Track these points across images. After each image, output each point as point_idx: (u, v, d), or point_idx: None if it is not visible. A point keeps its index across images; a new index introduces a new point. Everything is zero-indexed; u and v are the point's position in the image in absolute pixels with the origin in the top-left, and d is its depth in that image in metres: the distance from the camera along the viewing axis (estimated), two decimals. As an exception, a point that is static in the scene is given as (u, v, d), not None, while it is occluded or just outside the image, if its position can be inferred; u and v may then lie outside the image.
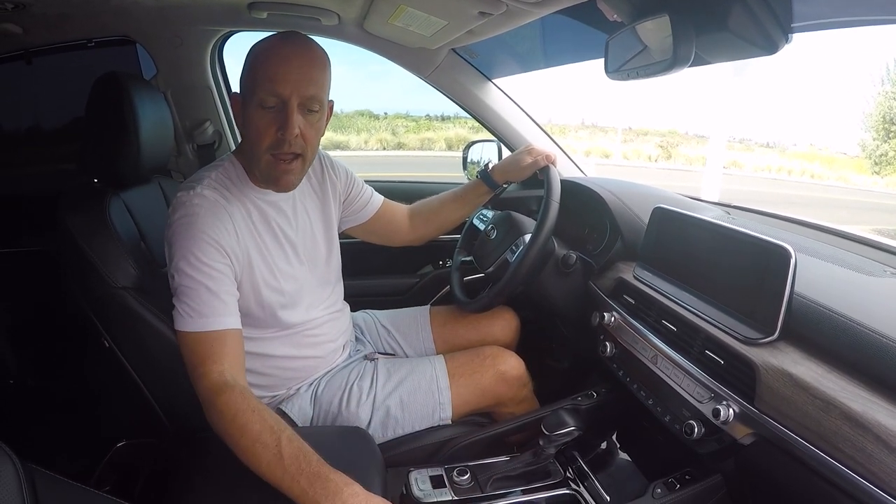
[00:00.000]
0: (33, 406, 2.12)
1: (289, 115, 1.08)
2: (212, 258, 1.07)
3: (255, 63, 1.12)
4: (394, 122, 23.82)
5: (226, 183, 1.18)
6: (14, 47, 1.88)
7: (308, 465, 0.88)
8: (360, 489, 0.88)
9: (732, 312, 1.02)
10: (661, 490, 1.03)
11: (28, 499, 0.53)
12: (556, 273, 1.50)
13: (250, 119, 1.11)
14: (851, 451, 0.74)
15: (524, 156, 1.55)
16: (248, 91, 1.11)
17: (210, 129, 2.16)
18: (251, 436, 0.92)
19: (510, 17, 1.38)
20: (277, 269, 1.23)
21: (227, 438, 0.94)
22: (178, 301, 1.05)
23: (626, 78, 1.28)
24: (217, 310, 1.05)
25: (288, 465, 0.88)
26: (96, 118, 1.28)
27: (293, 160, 1.14)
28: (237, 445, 0.92)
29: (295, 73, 1.08)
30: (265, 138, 1.10)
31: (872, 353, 0.83)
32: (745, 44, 1.09)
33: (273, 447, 0.90)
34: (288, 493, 0.88)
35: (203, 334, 1.03)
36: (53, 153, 2.48)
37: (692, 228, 1.19)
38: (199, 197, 1.10)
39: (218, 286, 1.06)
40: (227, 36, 2.09)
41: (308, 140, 1.13)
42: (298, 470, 0.88)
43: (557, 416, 1.14)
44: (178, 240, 1.06)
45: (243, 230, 1.16)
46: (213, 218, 1.09)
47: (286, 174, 1.15)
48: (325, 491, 0.86)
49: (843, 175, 23.22)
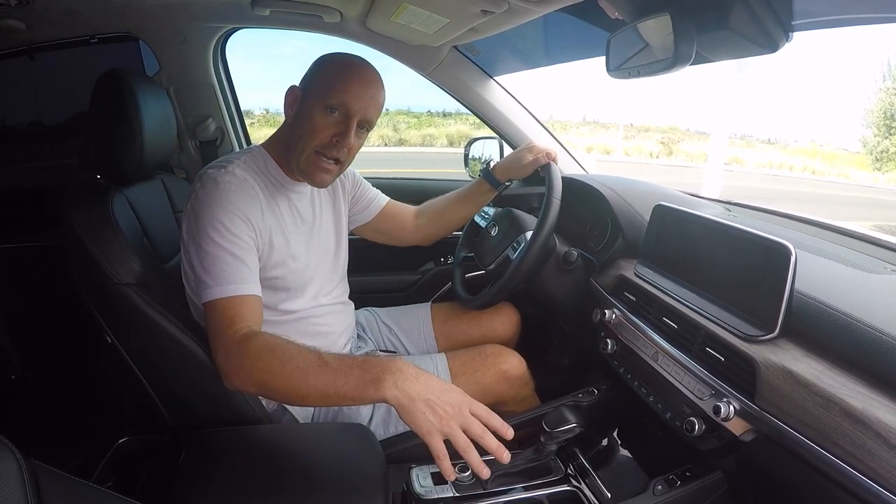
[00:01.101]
0: (35, 401, 2.13)
1: (349, 127, 1.18)
2: (239, 229, 1.11)
3: (335, 71, 1.21)
4: (395, 119, 23.78)
5: (255, 167, 1.25)
6: (17, 43, 1.87)
7: (353, 359, 0.95)
8: (404, 361, 0.93)
9: (733, 310, 1.02)
10: (662, 487, 1.04)
11: (31, 494, 0.53)
12: (557, 270, 1.50)
13: (310, 116, 1.19)
14: (851, 447, 0.74)
15: (525, 153, 1.55)
16: (317, 92, 1.20)
17: (212, 125, 2.15)
18: (294, 359, 0.95)
19: (512, 15, 1.38)
20: (295, 254, 1.28)
21: (269, 375, 0.97)
22: (204, 272, 1.08)
23: (627, 76, 1.28)
24: (243, 276, 1.09)
25: (336, 366, 0.93)
26: (99, 115, 1.28)
27: (334, 164, 1.22)
28: (281, 374, 0.95)
29: (368, 94, 1.20)
30: (318, 137, 1.19)
31: (872, 350, 0.84)
32: (746, 42, 1.09)
33: (316, 358, 0.95)
34: (345, 389, 0.91)
35: (228, 299, 1.06)
36: (55, 148, 2.49)
37: (693, 226, 1.19)
38: (230, 174, 1.16)
39: (243, 254, 1.10)
40: (229, 33, 2.08)
41: (351, 151, 1.23)
42: (347, 365, 0.93)
43: (559, 413, 1.15)
44: (206, 209, 1.10)
45: (267, 211, 1.21)
46: (242, 194, 1.15)
47: (324, 173, 1.23)
48: (379, 367, 0.91)
49: (845, 171, 23.19)
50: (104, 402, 1.89)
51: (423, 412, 0.87)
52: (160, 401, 1.22)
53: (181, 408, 1.22)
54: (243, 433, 1.15)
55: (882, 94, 17.74)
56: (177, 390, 1.18)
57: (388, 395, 0.88)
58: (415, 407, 0.87)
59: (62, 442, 1.63)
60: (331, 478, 1.03)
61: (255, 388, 1.01)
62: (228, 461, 1.07)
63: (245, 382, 1.00)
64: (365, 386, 0.90)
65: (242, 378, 1.00)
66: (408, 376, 0.89)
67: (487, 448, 0.88)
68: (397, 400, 0.88)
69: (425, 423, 0.86)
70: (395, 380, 0.88)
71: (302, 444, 1.14)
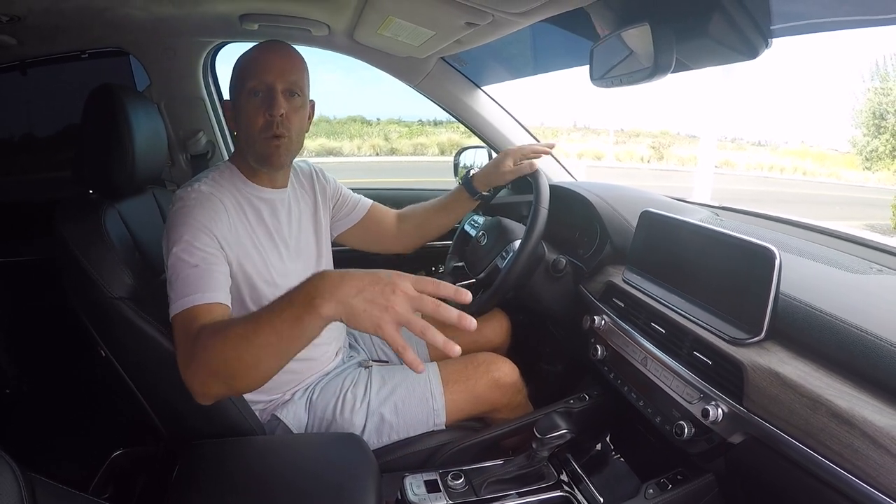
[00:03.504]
0: (31, 415, 2.12)
1: (275, 96, 1.20)
2: (203, 243, 1.10)
3: (244, 63, 1.25)
4: (386, 128, 23.83)
5: (221, 181, 1.25)
6: (9, 58, 1.88)
7: (279, 299, 0.86)
8: (321, 272, 0.84)
9: (720, 314, 1.03)
10: (654, 490, 1.05)
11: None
12: (546, 278, 1.51)
13: (241, 109, 1.23)
14: (839, 447, 0.75)
15: (504, 161, 1.56)
16: (237, 88, 1.24)
17: (203, 139, 2.16)
18: (233, 328, 0.90)
19: (497, 27, 1.39)
20: (270, 263, 1.28)
21: (221, 357, 0.90)
22: (170, 287, 1.06)
23: (610, 85, 1.30)
24: (206, 286, 1.05)
25: (267, 314, 0.86)
26: (91, 130, 1.28)
27: (279, 139, 1.23)
28: (228, 349, 0.89)
29: (278, 63, 1.22)
30: (256, 122, 1.21)
31: (858, 350, 0.85)
32: (727, 50, 1.11)
33: (251, 317, 0.89)
34: (287, 330, 0.83)
35: (189, 310, 1.02)
36: (47, 161, 2.50)
37: (679, 231, 1.20)
38: (195, 192, 1.17)
39: (208, 266, 1.09)
40: (219, 47, 2.10)
41: (292, 123, 1.24)
42: (277, 308, 0.85)
43: (550, 420, 1.15)
44: (173, 228, 1.11)
45: (236, 222, 1.22)
46: (206, 208, 1.15)
47: (276, 150, 1.24)
48: (303, 292, 0.83)
49: (835, 171, 23.34)
50: (99, 415, 1.88)
51: (364, 309, 0.78)
52: (155, 413, 1.22)
53: (176, 420, 1.22)
54: (237, 444, 1.16)
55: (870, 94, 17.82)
56: (171, 403, 1.19)
57: (327, 312, 0.80)
58: (354, 308, 0.79)
59: (58, 455, 1.63)
60: (324, 487, 1.03)
61: (216, 380, 0.92)
62: (223, 472, 1.07)
63: (205, 379, 0.92)
64: (301, 316, 0.81)
65: (202, 376, 0.92)
66: (333, 284, 0.81)
67: (447, 319, 0.79)
68: (337, 311, 0.80)
69: (371, 320, 0.78)
70: (323, 295, 0.80)
71: (295, 454, 1.15)
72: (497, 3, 1.24)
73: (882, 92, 17.21)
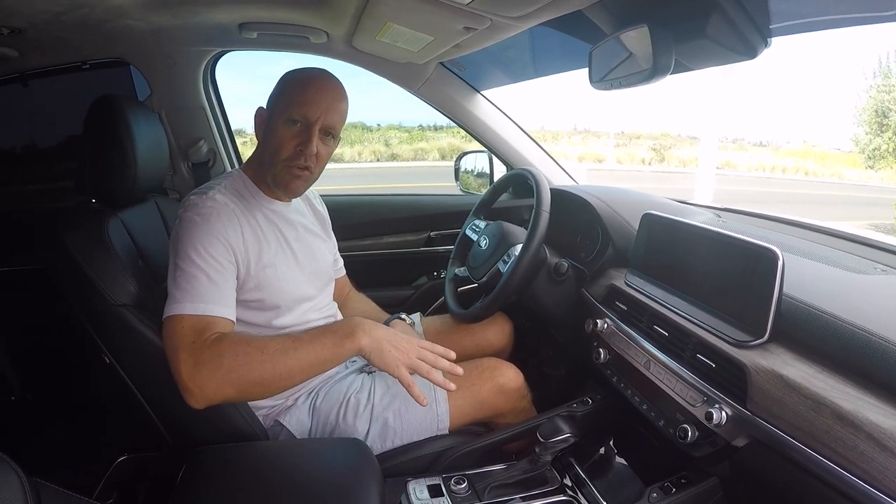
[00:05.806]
0: (35, 422, 2.12)
1: (311, 135, 1.21)
2: (218, 252, 1.13)
3: (292, 86, 1.26)
4: (387, 134, 23.78)
5: (236, 191, 1.27)
6: (10, 70, 1.89)
7: (319, 328, 1.10)
8: (360, 318, 1.11)
9: (723, 316, 1.03)
10: (658, 494, 1.04)
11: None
12: (548, 281, 1.51)
13: (275, 131, 1.23)
14: (844, 450, 0.75)
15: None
16: (278, 107, 1.24)
17: (204, 147, 2.17)
18: (270, 343, 1.04)
19: (495, 31, 1.39)
20: (279, 273, 1.28)
21: (250, 366, 1.01)
22: (177, 288, 1.08)
23: (609, 87, 1.30)
24: (215, 298, 1.09)
25: (309, 338, 1.06)
26: (93, 141, 1.29)
27: (303, 171, 1.25)
28: (263, 360, 1.02)
29: (326, 102, 1.22)
30: (285, 150, 1.22)
31: (862, 351, 0.84)
32: (725, 50, 1.11)
33: (289, 337, 1.07)
34: (325, 353, 1.05)
35: (200, 317, 1.06)
36: (50, 171, 2.51)
37: (681, 233, 1.20)
38: (211, 200, 1.18)
39: (219, 278, 1.11)
40: (218, 56, 2.10)
41: (319, 160, 1.26)
42: (317, 333, 1.07)
43: (553, 424, 1.15)
44: (188, 233, 1.12)
45: (249, 233, 1.23)
46: (223, 218, 1.17)
47: (295, 179, 1.26)
48: (346, 325, 1.08)
49: (838, 171, 23.19)
50: (103, 421, 1.88)
51: (390, 351, 1.06)
52: (159, 419, 1.23)
53: (179, 426, 1.23)
54: (240, 449, 1.16)
55: (873, 92, 17.70)
56: (175, 408, 1.18)
57: (363, 344, 1.05)
58: (383, 347, 1.06)
59: (62, 461, 1.63)
60: (328, 492, 1.04)
61: (233, 387, 1.02)
62: (226, 478, 1.07)
63: (223, 384, 1.01)
64: (341, 343, 1.05)
65: (220, 380, 1.00)
66: (371, 326, 1.08)
67: (435, 379, 1.08)
68: (370, 345, 1.05)
69: (393, 360, 1.05)
70: (363, 330, 1.06)
71: (298, 459, 1.15)
72: (495, 8, 1.24)
73: (885, 89, 17.13)
